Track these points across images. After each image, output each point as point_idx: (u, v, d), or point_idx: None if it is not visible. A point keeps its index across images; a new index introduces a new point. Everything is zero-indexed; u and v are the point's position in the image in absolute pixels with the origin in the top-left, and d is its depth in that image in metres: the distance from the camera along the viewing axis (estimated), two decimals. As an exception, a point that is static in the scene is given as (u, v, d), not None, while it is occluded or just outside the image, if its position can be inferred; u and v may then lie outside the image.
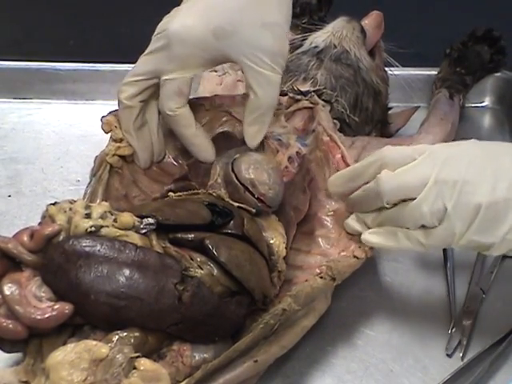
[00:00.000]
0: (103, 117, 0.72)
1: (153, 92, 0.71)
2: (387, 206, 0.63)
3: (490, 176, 0.60)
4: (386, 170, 0.63)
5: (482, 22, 0.95)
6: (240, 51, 0.66)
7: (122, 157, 0.72)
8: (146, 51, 0.69)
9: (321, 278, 0.63)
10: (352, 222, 0.66)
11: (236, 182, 0.66)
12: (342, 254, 0.66)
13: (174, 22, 0.67)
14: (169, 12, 0.69)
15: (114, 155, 0.71)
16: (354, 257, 0.65)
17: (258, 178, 0.66)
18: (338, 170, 0.70)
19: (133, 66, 0.70)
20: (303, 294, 0.61)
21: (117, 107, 0.72)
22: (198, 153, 0.70)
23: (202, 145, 0.70)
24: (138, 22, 1.02)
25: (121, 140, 0.72)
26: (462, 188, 0.60)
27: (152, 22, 0.70)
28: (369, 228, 0.65)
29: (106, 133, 0.72)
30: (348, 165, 0.70)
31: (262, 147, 0.73)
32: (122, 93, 0.70)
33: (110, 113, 0.72)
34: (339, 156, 0.71)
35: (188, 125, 0.69)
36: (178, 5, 0.70)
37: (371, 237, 0.65)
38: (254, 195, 0.66)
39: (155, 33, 0.68)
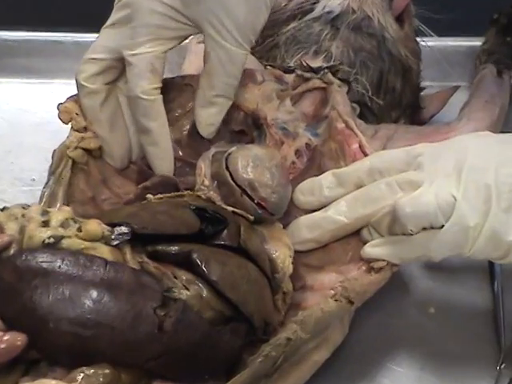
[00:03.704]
0: (60, 104, 0.73)
1: (121, 71, 0.71)
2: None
3: (494, 162, 0.63)
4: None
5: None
6: (207, 18, 0.68)
7: (88, 150, 0.72)
8: (108, 22, 0.71)
9: (335, 300, 0.64)
10: (365, 233, 0.68)
11: (231, 182, 0.67)
12: (361, 269, 0.66)
13: None
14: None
15: (76, 148, 0.72)
16: (374, 271, 0.65)
17: (259, 178, 0.67)
18: (355, 164, 0.71)
19: (101, 37, 0.71)
20: (312, 320, 0.62)
21: (81, 89, 0.72)
22: (156, 159, 0.71)
23: (166, 150, 0.71)
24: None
25: (85, 129, 0.72)
26: (469, 174, 0.63)
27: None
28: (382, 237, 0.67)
29: (65, 123, 0.72)
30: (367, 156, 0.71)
31: (263, 138, 0.73)
32: (80, 73, 0.71)
33: (68, 98, 0.73)
34: (356, 146, 0.72)
35: (161, 120, 0.70)
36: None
37: (371, 250, 0.66)
38: (253, 200, 0.67)
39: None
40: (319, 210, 0.69)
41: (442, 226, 0.63)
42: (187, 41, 0.75)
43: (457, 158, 0.65)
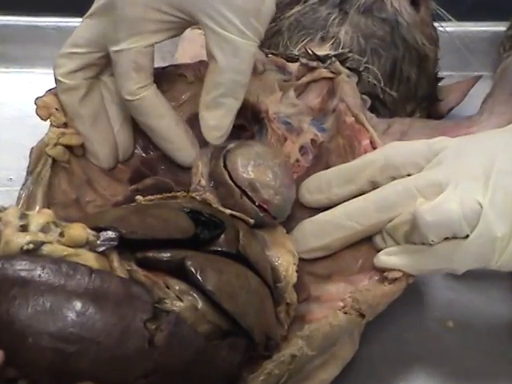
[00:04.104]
0: (38, 98, 0.73)
1: (104, 66, 0.72)
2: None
3: None
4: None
5: None
6: (201, 8, 0.67)
7: (69, 147, 0.72)
8: (89, 12, 0.70)
9: (344, 313, 0.64)
10: (378, 239, 0.68)
11: (230, 183, 0.67)
12: (373, 278, 0.66)
13: None
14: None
15: (56, 145, 0.72)
16: (388, 281, 0.65)
17: (260, 178, 0.67)
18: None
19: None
20: (320, 335, 0.62)
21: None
22: (174, 152, 0.72)
23: (179, 141, 0.72)
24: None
25: (65, 125, 0.72)
26: (498, 179, 0.62)
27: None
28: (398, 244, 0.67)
29: (44, 119, 0.72)
30: None
31: (264, 134, 0.73)
32: (57, 68, 0.71)
33: (48, 91, 0.73)
34: (367, 142, 0.72)
35: (158, 114, 0.70)
36: None
37: (386, 258, 0.66)
38: (254, 202, 0.67)
39: None
40: (327, 208, 0.70)
41: (467, 235, 0.62)
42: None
43: (484, 159, 0.64)
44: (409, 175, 0.67)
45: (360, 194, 0.68)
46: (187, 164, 0.72)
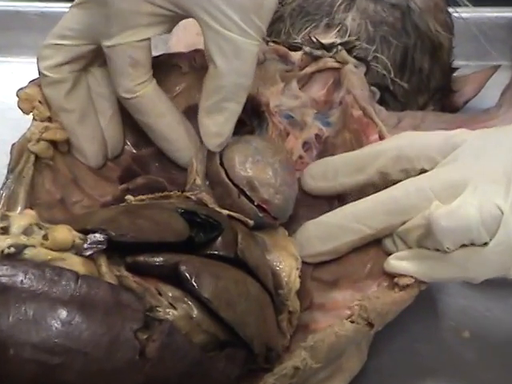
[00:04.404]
0: (20, 89, 0.73)
1: (93, 58, 0.72)
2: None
3: None
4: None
5: None
6: (197, 1, 0.66)
7: (53, 143, 0.72)
8: (76, 0, 0.70)
9: (351, 322, 0.64)
10: (388, 242, 0.68)
11: (227, 181, 0.67)
12: (382, 285, 0.66)
13: None
14: None
15: (39, 140, 0.72)
16: (398, 288, 0.65)
17: (259, 176, 0.67)
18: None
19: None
20: (324, 346, 0.62)
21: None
22: (175, 153, 0.72)
23: (181, 141, 0.72)
24: None
25: (49, 119, 0.72)
26: None
27: None
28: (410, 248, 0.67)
29: (26, 113, 0.72)
30: None
31: (265, 128, 0.73)
32: (41, 61, 0.71)
33: (31, 82, 0.73)
34: (376, 137, 0.72)
35: (158, 112, 0.71)
36: None
37: (397, 263, 0.66)
38: (252, 201, 0.67)
39: None
40: (328, 205, 0.70)
41: (485, 243, 0.62)
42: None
43: (505, 158, 0.64)
44: (422, 169, 0.67)
45: (367, 185, 0.69)
46: (187, 164, 0.72)
